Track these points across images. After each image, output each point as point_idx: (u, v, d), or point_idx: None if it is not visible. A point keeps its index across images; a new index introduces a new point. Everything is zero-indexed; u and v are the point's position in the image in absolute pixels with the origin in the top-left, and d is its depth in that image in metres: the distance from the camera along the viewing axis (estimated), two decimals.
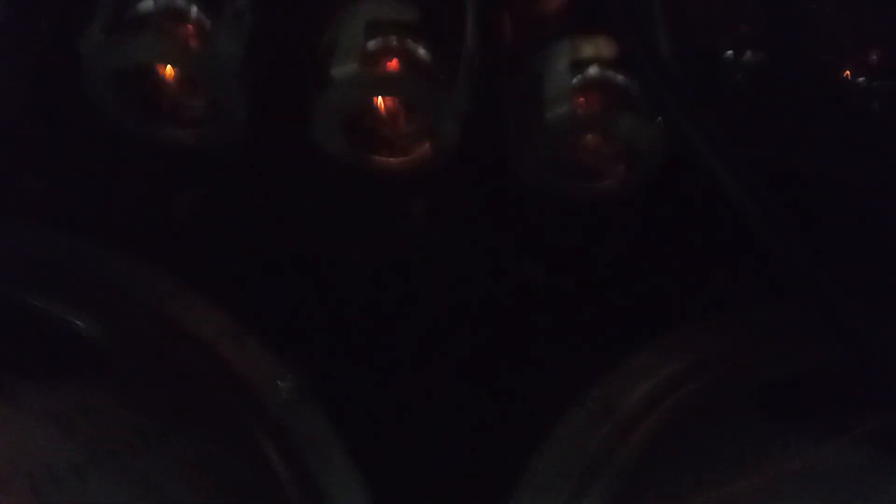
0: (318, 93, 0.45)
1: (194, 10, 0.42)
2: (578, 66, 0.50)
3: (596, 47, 0.50)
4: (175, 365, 0.47)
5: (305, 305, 0.52)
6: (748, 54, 0.56)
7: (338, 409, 0.47)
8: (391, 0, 0.47)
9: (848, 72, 0.57)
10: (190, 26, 0.42)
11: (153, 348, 0.47)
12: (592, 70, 0.50)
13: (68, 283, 0.48)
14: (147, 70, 0.45)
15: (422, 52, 0.46)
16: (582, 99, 0.49)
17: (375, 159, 0.49)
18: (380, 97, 0.48)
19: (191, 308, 0.48)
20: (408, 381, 0.53)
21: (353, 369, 0.51)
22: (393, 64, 0.46)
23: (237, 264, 0.52)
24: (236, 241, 0.53)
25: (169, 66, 0.44)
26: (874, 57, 0.57)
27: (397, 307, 0.54)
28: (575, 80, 0.49)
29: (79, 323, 0.46)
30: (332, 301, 0.53)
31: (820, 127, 0.59)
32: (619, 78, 0.49)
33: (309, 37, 0.46)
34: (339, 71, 0.45)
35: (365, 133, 0.48)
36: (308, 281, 0.53)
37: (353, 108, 0.46)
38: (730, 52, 0.56)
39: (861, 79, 0.57)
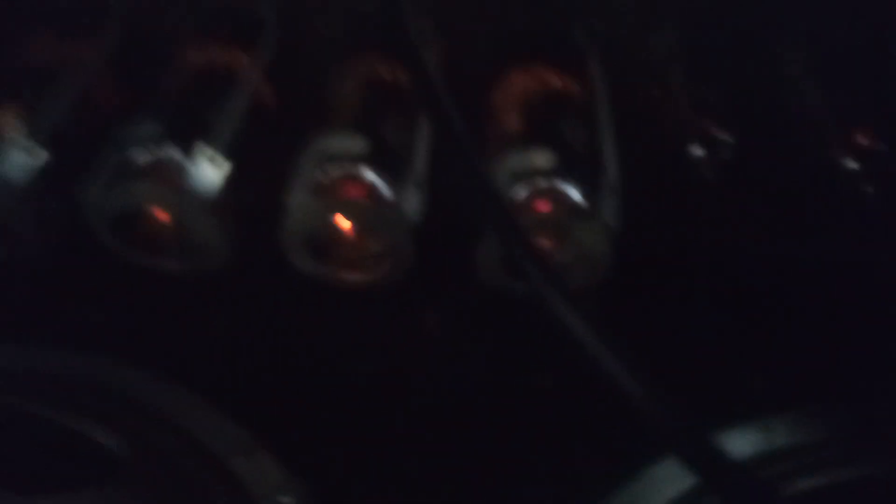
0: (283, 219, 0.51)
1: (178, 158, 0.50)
2: (525, 176, 0.49)
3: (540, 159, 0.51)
4: (187, 478, 0.51)
5: (314, 421, 0.55)
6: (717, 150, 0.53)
7: None
8: (343, 134, 0.52)
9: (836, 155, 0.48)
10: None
11: (168, 461, 0.51)
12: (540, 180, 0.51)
13: (90, 399, 0.53)
14: (142, 212, 0.52)
15: (369, 178, 0.50)
16: (533, 208, 0.49)
17: (343, 277, 0.53)
18: (339, 221, 0.52)
19: (205, 423, 0.53)
20: (413, 494, 0.53)
21: (358, 483, 0.54)
22: (341, 192, 0.50)
23: (250, 381, 0.57)
24: (249, 360, 0.58)
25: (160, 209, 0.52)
26: (862, 139, 0.46)
27: (402, 422, 0.55)
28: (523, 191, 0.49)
29: (99, 437, 0.50)
30: (340, 417, 0.56)
31: (812, 214, 0.59)
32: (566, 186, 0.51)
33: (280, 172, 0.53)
34: (293, 201, 0.51)
35: (330, 254, 0.53)
36: (317, 397, 0.56)
37: (312, 233, 0.52)
38: (698, 149, 0.51)
39: (851, 162, 0.55)
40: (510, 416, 0.56)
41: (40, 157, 0.51)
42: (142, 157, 0.51)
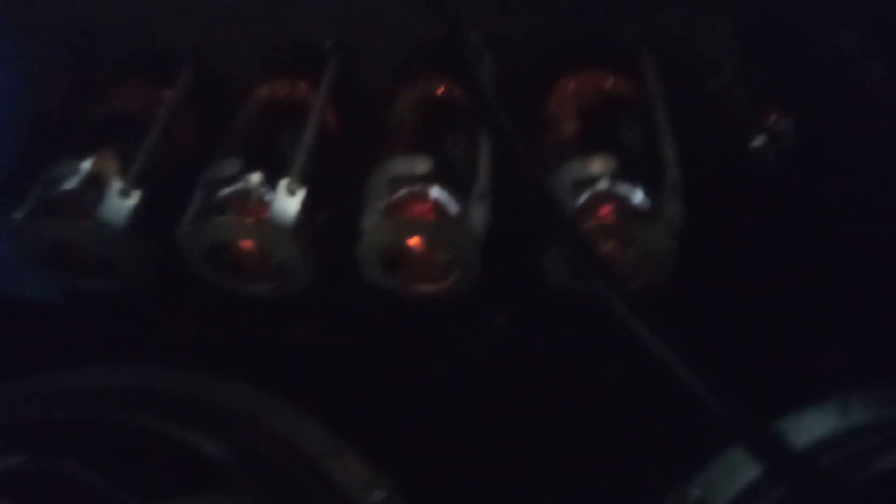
0: (358, 240, 0.54)
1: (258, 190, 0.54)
2: (586, 183, 0.51)
3: (600, 164, 0.53)
4: (286, 479, 0.55)
5: (396, 419, 0.59)
6: (779, 137, 0.51)
7: None
8: (406, 155, 0.55)
9: None
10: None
11: (267, 465, 0.55)
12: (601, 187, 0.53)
13: (195, 411, 0.58)
14: (229, 243, 0.57)
15: (434, 196, 0.53)
16: (595, 214, 0.51)
17: (416, 289, 0.56)
18: (409, 239, 0.55)
19: (297, 428, 0.57)
20: (496, 487, 0.56)
21: (442, 474, 0.57)
22: (409, 211, 0.53)
23: (336, 387, 0.60)
24: (334, 368, 0.62)
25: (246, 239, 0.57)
26: None
27: (478, 416, 0.58)
28: (585, 198, 0.51)
29: (206, 446, 0.54)
30: (420, 414, 0.59)
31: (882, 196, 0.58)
32: (627, 190, 0.53)
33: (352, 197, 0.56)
34: (366, 223, 0.54)
35: (403, 268, 0.56)
36: (398, 397, 0.60)
37: (385, 251, 0.55)
38: (759, 138, 0.52)
39: None
40: (584, 408, 0.59)
41: (136, 198, 0.55)
42: (225, 192, 0.54)
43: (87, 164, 0.56)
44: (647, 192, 0.53)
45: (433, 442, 0.59)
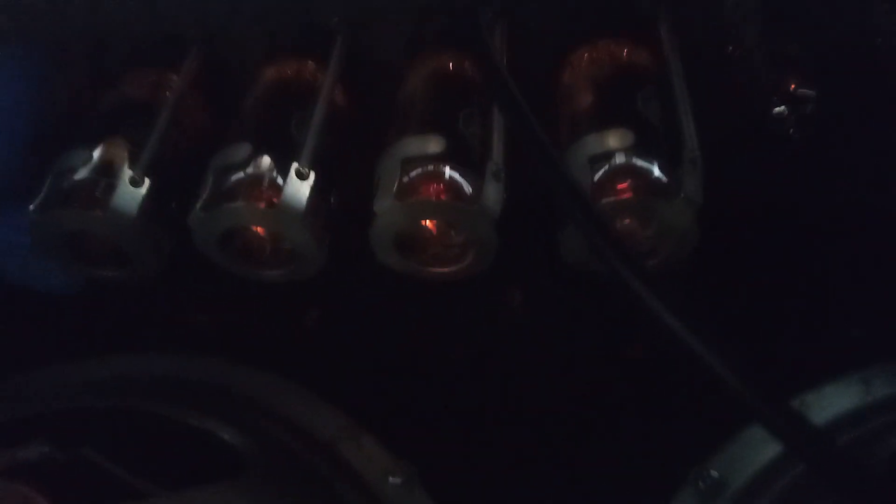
0: (372, 223, 0.54)
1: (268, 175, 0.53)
2: (604, 159, 0.50)
3: (617, 139, 0.52)
4: (304, 466, 0.54)
5: (414, 402, 0.59)
6: (800, 105, 0.50)
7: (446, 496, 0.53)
8: (419, 135, 0.54)
9: None
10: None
11: (285, 452, 0.55)
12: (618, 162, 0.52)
13: (216, 399, 0.57)
14: (241, 230, 0.56)
15: (448, 176, 0.52)
16: (613, 190, 0.50)
17: (432, 271, 0.55)
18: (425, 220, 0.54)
19: (313, 414, 0.57)
20: (515, 469, 0.55)
21: (460, 460, 0.56)
22: (423, 192, 0.52)
23: (354, 373, 0.60)
24: (349, 352, 0.62)
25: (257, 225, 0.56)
26: None
27: (501, 399, 0.57)
28: (602, 174, 0.50)
29: (225, 434, 0.54)
30: (437, 397, 0.59)
31: None
32: (645, 165, 0.52)
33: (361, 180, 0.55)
34: (379, 206, 0.53)
35: (418, 250, 0.55)
36: (415, 380, 0.60)
37: (399, 233, 0.54)
38: (780, 106, 0.50)
39: None
40: (600, 389, 0.58)
41: (147, 186, 0.55)
42: (236, 178, 0.54)
43: (97, 154, 0.55)
44: (666, 167, 0.52)
45: (450, 426, 0.58)
